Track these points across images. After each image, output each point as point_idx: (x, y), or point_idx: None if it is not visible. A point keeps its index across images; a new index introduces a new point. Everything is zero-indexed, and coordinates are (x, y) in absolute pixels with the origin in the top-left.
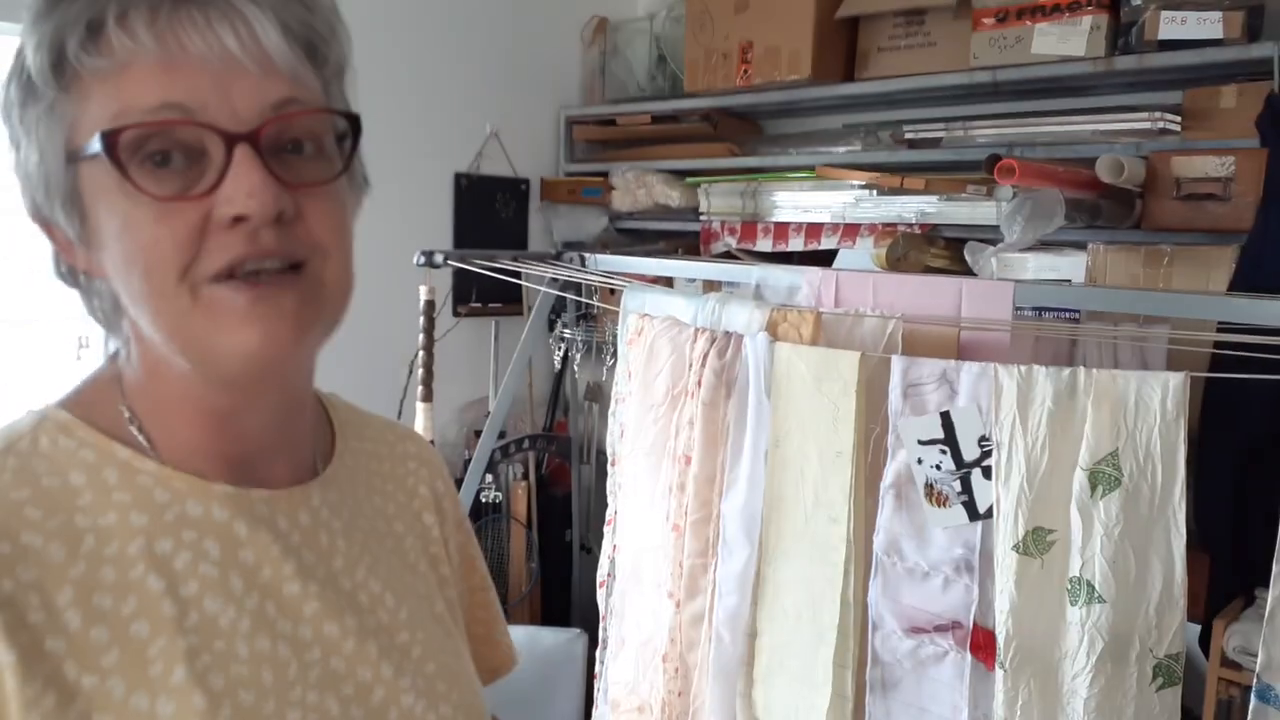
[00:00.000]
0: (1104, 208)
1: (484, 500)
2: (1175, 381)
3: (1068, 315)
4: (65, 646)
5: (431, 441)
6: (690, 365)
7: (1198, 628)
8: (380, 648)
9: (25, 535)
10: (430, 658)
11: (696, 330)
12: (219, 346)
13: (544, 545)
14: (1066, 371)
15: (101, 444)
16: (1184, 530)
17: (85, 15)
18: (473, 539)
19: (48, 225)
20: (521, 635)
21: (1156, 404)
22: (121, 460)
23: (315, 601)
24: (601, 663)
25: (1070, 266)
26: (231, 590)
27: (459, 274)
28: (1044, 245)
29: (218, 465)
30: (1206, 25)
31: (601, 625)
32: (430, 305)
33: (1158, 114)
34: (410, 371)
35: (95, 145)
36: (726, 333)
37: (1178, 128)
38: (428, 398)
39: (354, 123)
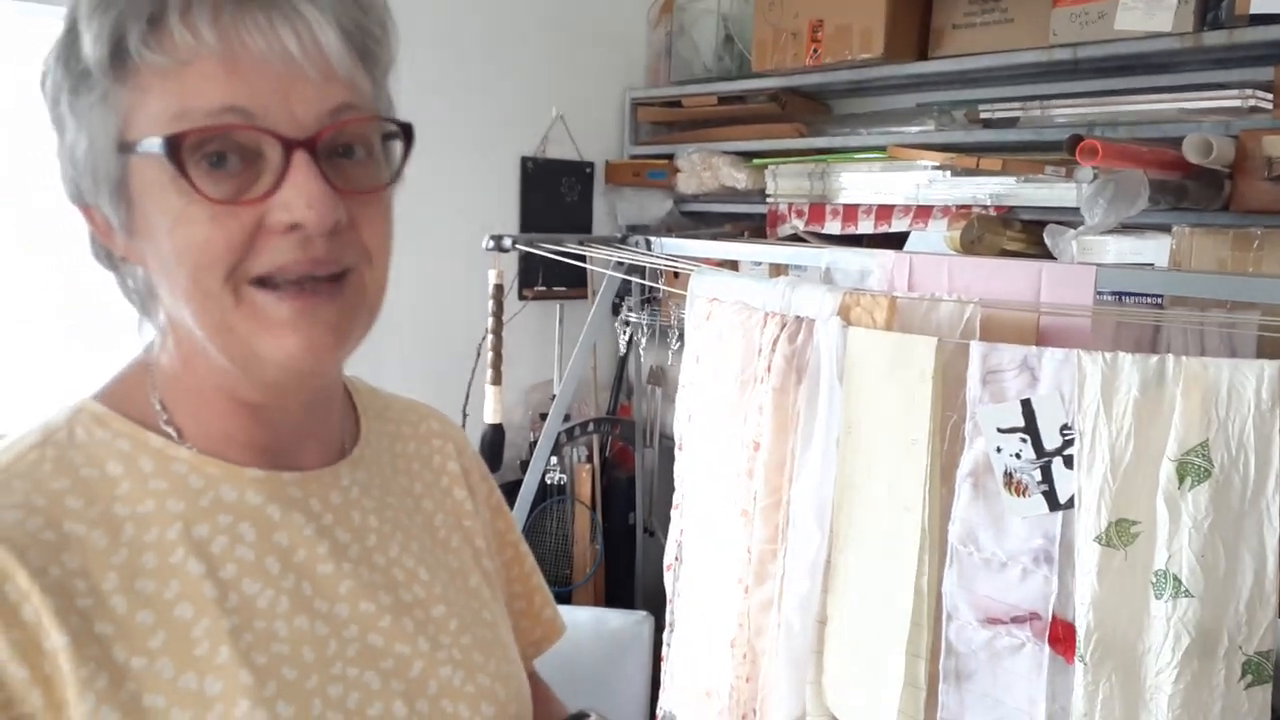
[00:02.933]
0: (1190, 189)
1: (549, 482)
2: (1271, 370)
3: (1150, 301)
4: (114, 630)
5: (500, 424)
6: (760, 350)
7: None
8: (415, 622)
9: (68, 524)
10: (466, 630)
11: (766, 315)
12: (260, 350)
13: (608, 527)
14: (1154, 359)
15: (136, 434)
16: (1278, 523)
17: (148, 9)
18: (505, 513)
19: (88, 209)
20: (588, 617)
21: (1250, 393)
22: (155, 449)
23: (349, 580)
24: (668, 645)
25: (1154, 250)
26: (268, 571)
27: (525, 258)
28: (1126, 228)
29: (250, 451)
30: None
31: (669, 609)
32: (499, 289)
33: (1248, 91)
34: (478, 354)
35: (155, 145)
36: (797, 317)
37: (1269, 105)
38: (497, 380)
39: (406, 131)
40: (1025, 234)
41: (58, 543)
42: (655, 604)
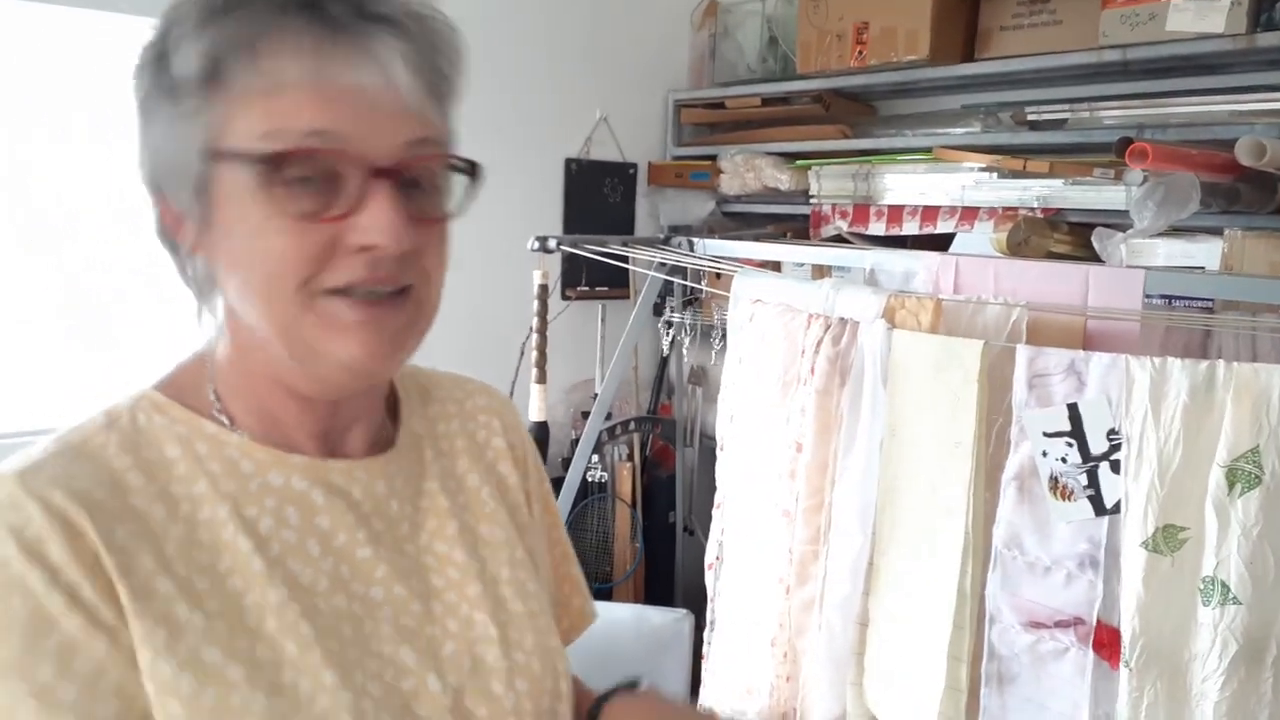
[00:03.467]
0: (1243, 192)
1: (590, 480)
2: None
3: (1200, 305)
4: (175, 588)
5: (544, 422)
6: (803, 352)
7: None
8: (445, 605)
9: (130, 498)
10: (502, 607)
11: (810, 316)
12: (325, 353)
13: (648, 526)
14: (1204, 364)
15: (192, 421)
16: None
17: (247, 35)
18: (551, 501)
19: (162, 200)
20: (629, 614)
21: None
22: (210, 434)
23: (385, 565)
24: (709, 644)
25: (1205, 253)
26: (309, 553)
27: (569, 258)
28: (1176, 231)
29: (301, 438)
30: None
31: (710, 607)
32: (544, 289)
33: None
34: (522, 353)
35: (248, 158)
36: (841, 319)
37: None
38: (541, 379)
39: (473, 168)
40: (1073, 237)
41: (122, 511)
42: (695, 602)
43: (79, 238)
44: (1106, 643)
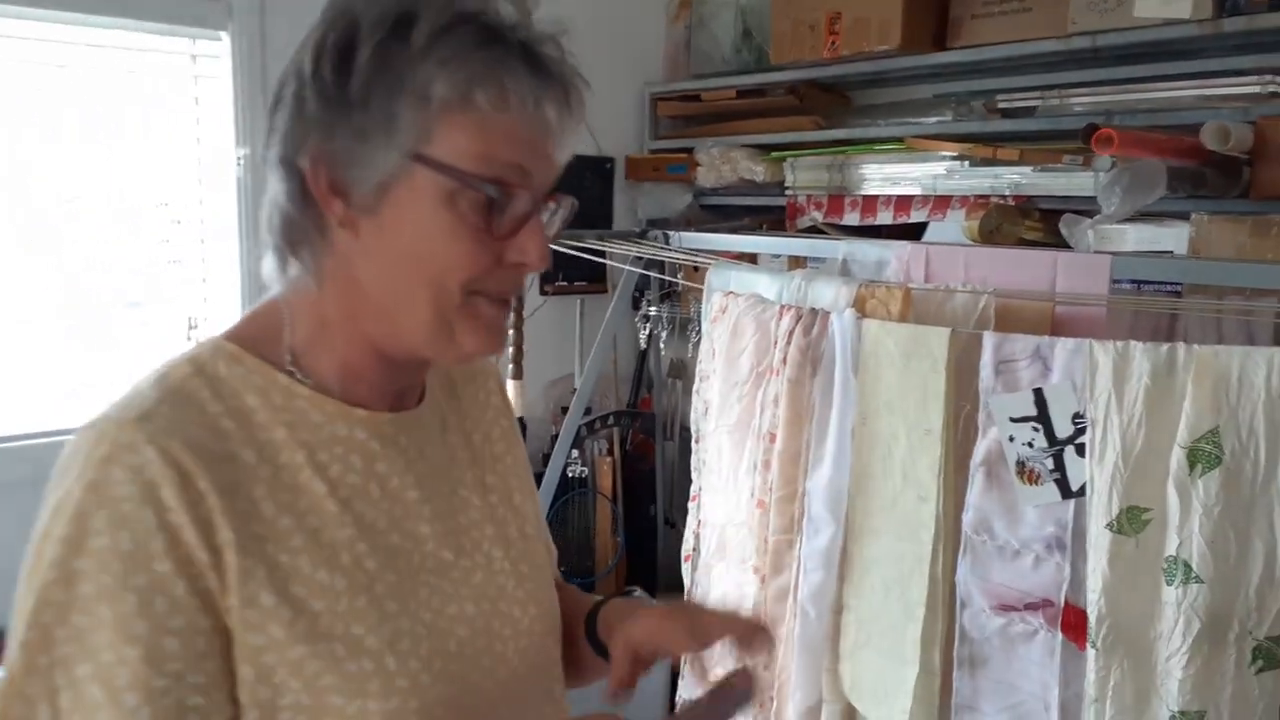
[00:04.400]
0: (1209, 176)
1: (570, 475)
2: None
3: (1168, 289)
4: (265, 530)
5: (521, 418)
6: (775, 342)
7: None
8: (472, 541)
9: (228, 442)
10: (512, 545)
11: (782, 307)
12: (461, 341)
13: (629, 519)
14: (1165, 347)
15: (266, 372)
16: None
17: (496, 72)
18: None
19: (321, 168)
20: None
21: (1261, 380)
22: (283, 386)
23: (427, 505)
24: None
25: (1173, 238)
26: (371, 495)
27: None
28: (1145, 216)
29: (369, 393)
30: None
31: (686, 599)
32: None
33: (1267, 77)
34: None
35: (456, 172)
36: (812, 309)
37: None
38: (518, 375)
39: (573, 203)
40: (1044, 223)
41: (223, 455)
42: (676, 594)
43: (78, 238)
44: (1074, 624)
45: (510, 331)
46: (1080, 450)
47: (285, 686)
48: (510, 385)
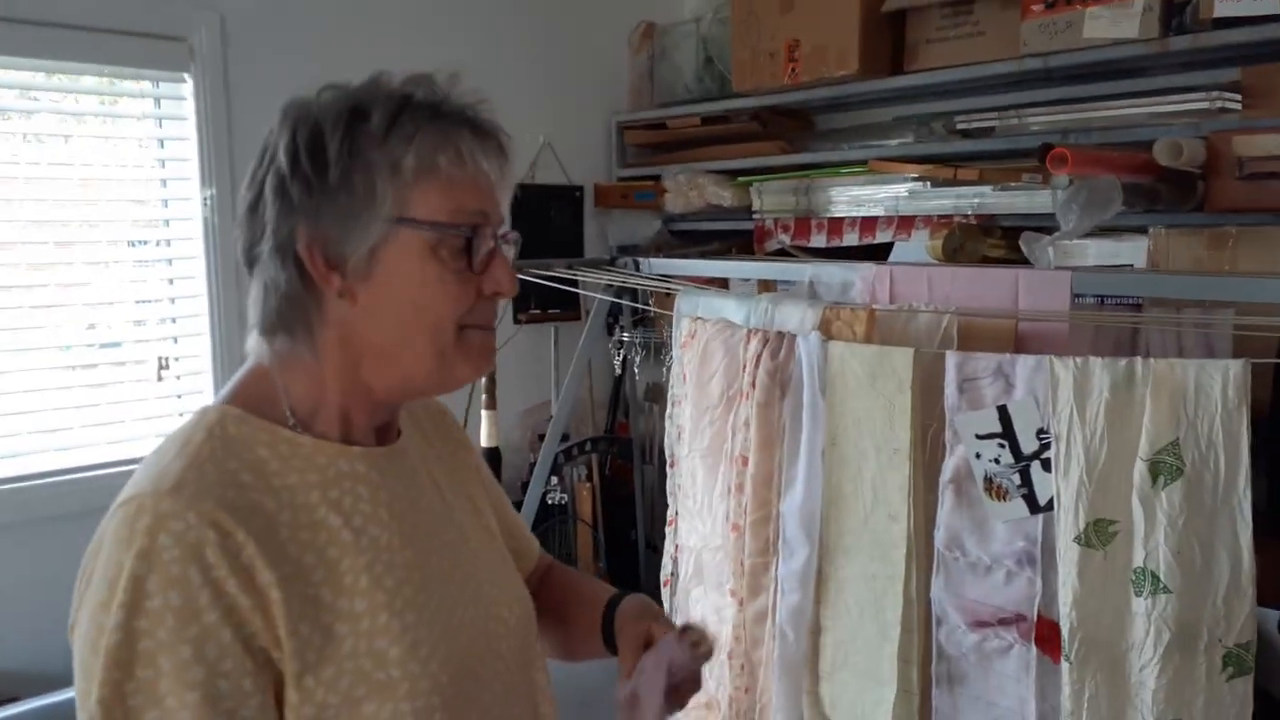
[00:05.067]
0: (1163, 191)
1: (550, 502)
2: (1236, 369)
3: (1129, 303)
4: (293, 569)
5: (496, 447)
6: (744, 367)
7: (1277, 614)
8: (464, 552)
9: (250, 494)
10: (491, 554)
11: (749, 331)
12: (459, 370)
13: (610, 545)
14: (1124, 362)
15: (269, 428)
16: (1250, 518)
17: (450, 140)
18: (491, 476)
19: (312, 248)
20: None
21: (1217, 392)
22: (286, 438)
23: (425, 523)
24: None
25: (1132, 252)
26: (381, 519)
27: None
28: (1105, 231)
29: (362, 434)
30: (1264, 1)
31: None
32: None
33: (1215, 93)
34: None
35: (439, 225)
36: (779, 333)
37: (1238, 106)
38: (491, 405)
39: (518, 236)
40: (1006, 241)
41: (250, 507)
42: None
43: (50, 280)
44: (1048, 637)
45: None
46: (1046, 465)
47: (326, 703)
48: (484, 416)
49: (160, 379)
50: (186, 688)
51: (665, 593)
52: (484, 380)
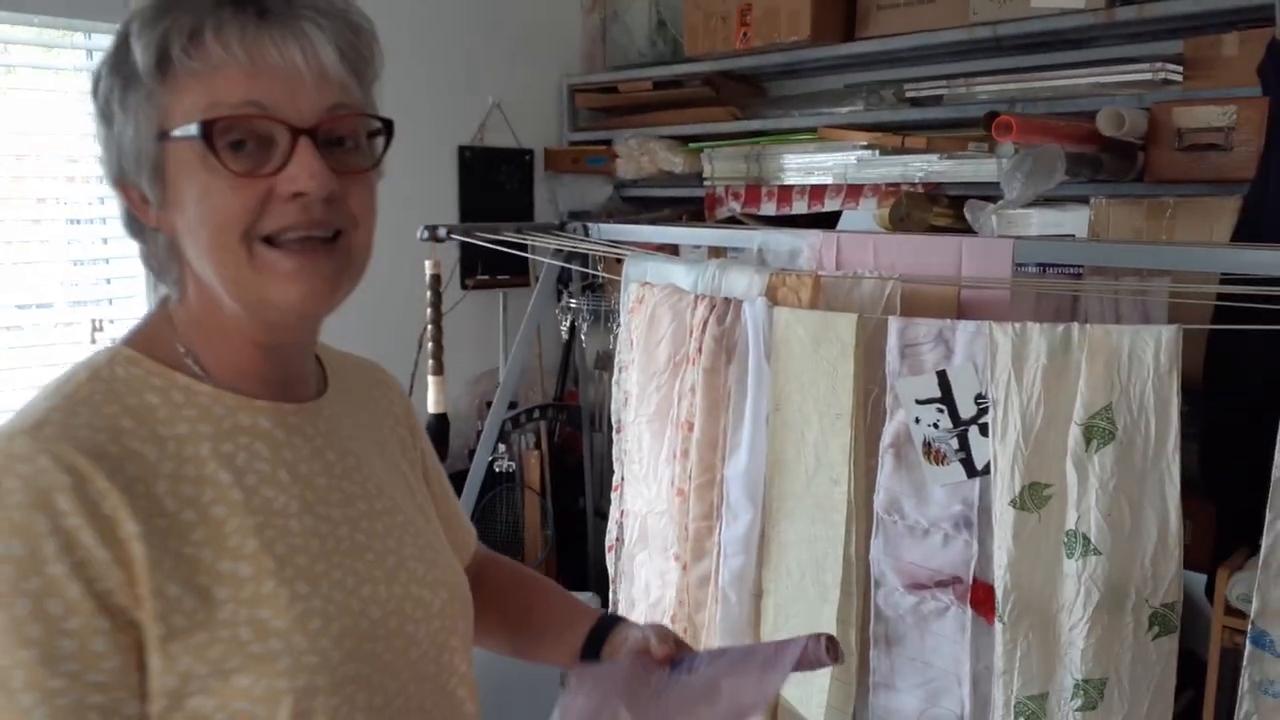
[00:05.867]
0: (1106, 161)
1: (497, 470)
2: (1168, 335)
3: (1071, 271)
4: (167, 524)
5: (444, 414)
6: (691, 332)
7: (1204, 577)
8: (385, 526)
9: (126, 440)
10: (420, 533)
11: (696, 297)
12: (269, 296)
13: (558, 512)
14: (1060, 327)
15: (165, 373)
16: (1178, 481)
17: (189, 26)
18: (433, 453)
19: (126, 187)
20: None
21: (1150, 357)
22: (182, 385)
23: (337, 491)
24: None
25: (1074, 221)
26: (280, 481)
27: (465, 247)
28: (1048, 200)
29: (260, 385)
30: None
31: (611, 588)
32: (436, 279)
33: (1159, 64)
34: (420, 345)
35: (192, 129)
36: (726, 299)
37: (1179, 78)
38: (438, 371)
39: (388, 126)
40: (952, 210)
41: (121, 454)
42: (606, 584)
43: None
44: (983, 599)
45: (428, 326)
46: (984, 430)
47: (192, 673)
48: (430, 381)
49: (94, 341)
50: (20, 645)
51: (610, 557)
52: (430, 345)
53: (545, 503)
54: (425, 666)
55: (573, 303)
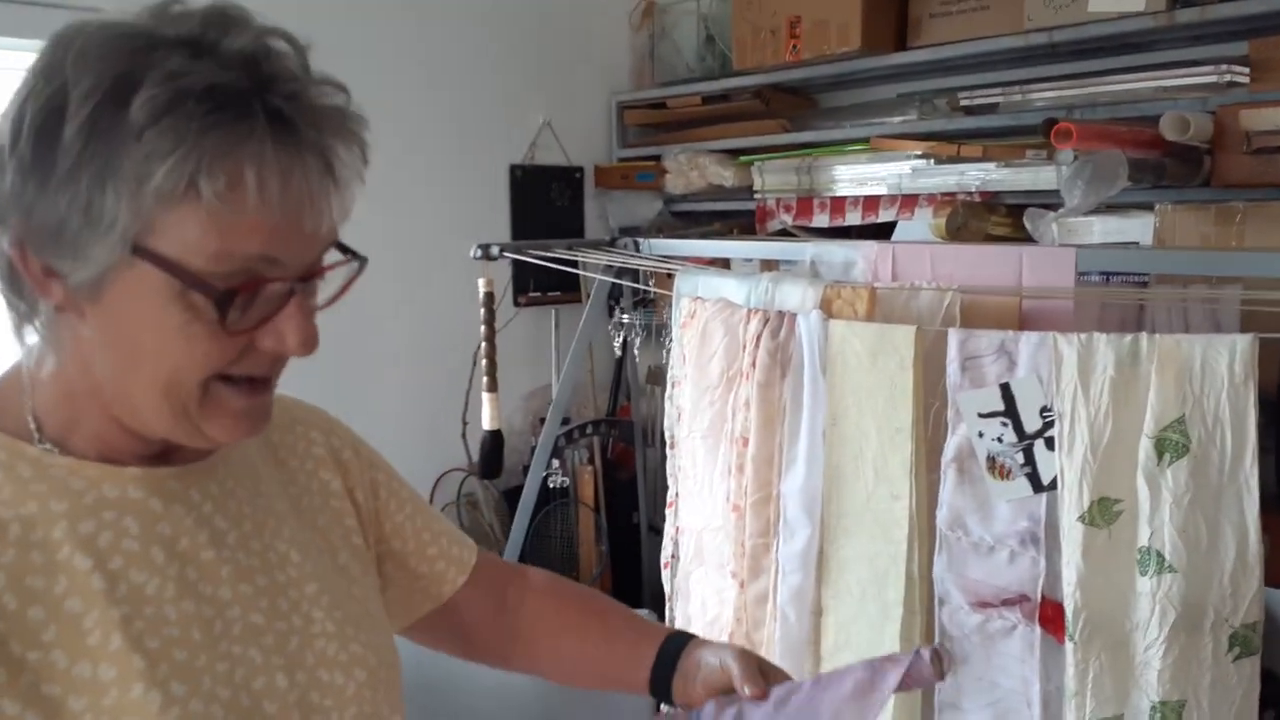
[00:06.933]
0: (1170, 166)
1: (551, 486)
2: (1243, 344)
3: (1135, 279)
4: (5, 626)
5: (498, 430)
6: (744, 346)
7: None
8: (290, 601)
9: None
10: (338, 605)
11: (749, 311)
12: (208, 431)
13: (612, 528)
14: (1128, 338)
15: (10, 444)
16: (1257, 496)
17: (228, 167)
18: (389, 481)
19: (25, 254)
20: None
21: (1224, 367)
22: (32, 457)
23: (229, 565)
24: None
25: (1138, 228)
26: (153, 561)
27: (517, 265)
28: (1110, 207)
29: (132, 452)
30: None
31: (667, 606)
32: (490, 297)
33: (1224, 67)
34: (474, 363)
35: (188, 273)
36: (780, 312)
37: (1246, 80)
38: (492, 388)
39: (362, 264)
40: (1010, 219)
41: None
42: (661, 601)
43: None
44: (1052, 618)
45: (482, 344)
46: (1049, 444)
47: None
48: (485, 399)
49: None
50: None
51: (666, 575)
52: (484, 363)
53: (599, 518)
54: None
55: (624, 318)
